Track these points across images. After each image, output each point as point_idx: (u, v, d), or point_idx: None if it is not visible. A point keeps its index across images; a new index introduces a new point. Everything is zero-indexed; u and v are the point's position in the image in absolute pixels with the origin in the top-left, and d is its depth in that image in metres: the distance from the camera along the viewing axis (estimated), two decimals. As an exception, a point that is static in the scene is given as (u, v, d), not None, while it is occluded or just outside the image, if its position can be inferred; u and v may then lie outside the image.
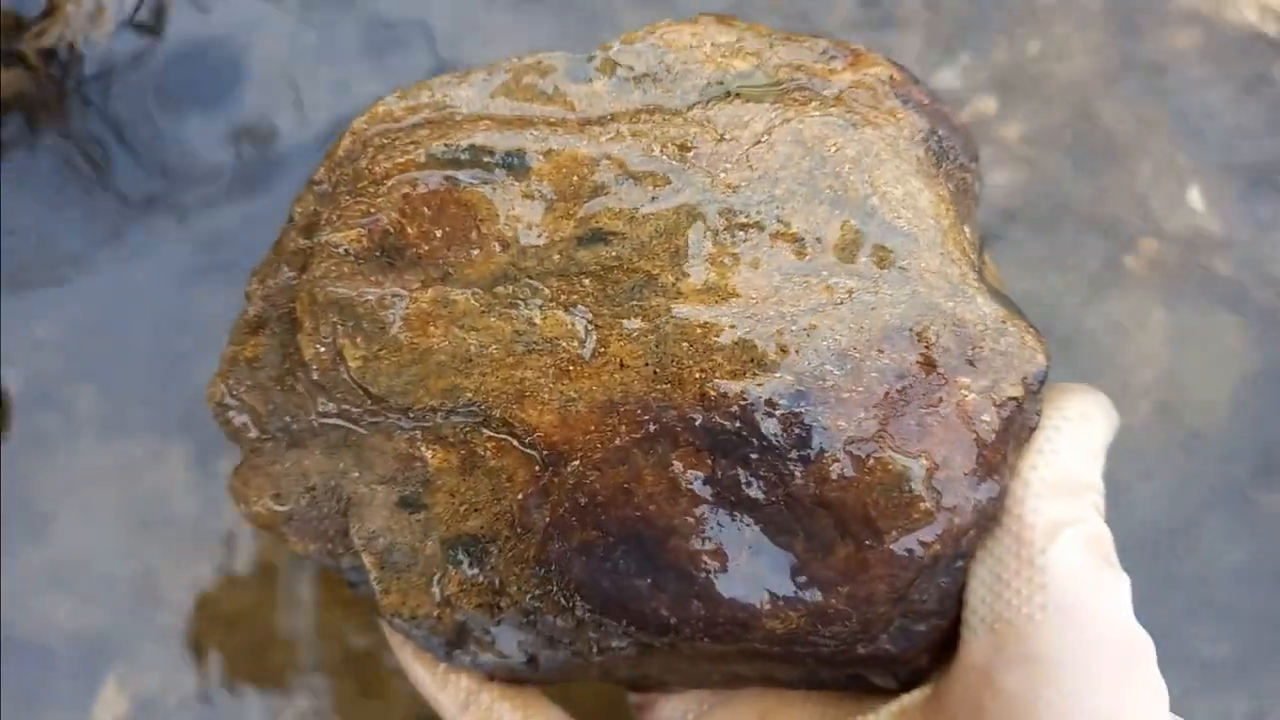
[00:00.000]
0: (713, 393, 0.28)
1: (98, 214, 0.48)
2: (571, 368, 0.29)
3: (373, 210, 0.29)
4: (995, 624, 0.28)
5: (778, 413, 0.27)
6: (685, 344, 0.28)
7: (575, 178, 0.29)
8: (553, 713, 0.32)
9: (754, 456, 0.28)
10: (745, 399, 0.28)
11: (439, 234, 0.29)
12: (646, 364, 0.28)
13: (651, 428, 0.28)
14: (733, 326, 0.28)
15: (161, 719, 0.45)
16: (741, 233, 0.29)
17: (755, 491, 0.28)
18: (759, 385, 0.28)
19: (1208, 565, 0.44)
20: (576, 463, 0.28)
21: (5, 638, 0.45)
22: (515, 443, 0.29)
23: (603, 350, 0.29)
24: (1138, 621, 0.27)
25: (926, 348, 0.28)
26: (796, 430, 0.27)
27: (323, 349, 0.29)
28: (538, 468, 0.29)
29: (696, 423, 0.28)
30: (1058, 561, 0.27)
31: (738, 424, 0.28)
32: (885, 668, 0.30)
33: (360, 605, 0.46)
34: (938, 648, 0.30)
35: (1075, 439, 0.29)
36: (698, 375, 0.28)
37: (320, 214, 0.31)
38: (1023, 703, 0.26)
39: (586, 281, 0.29)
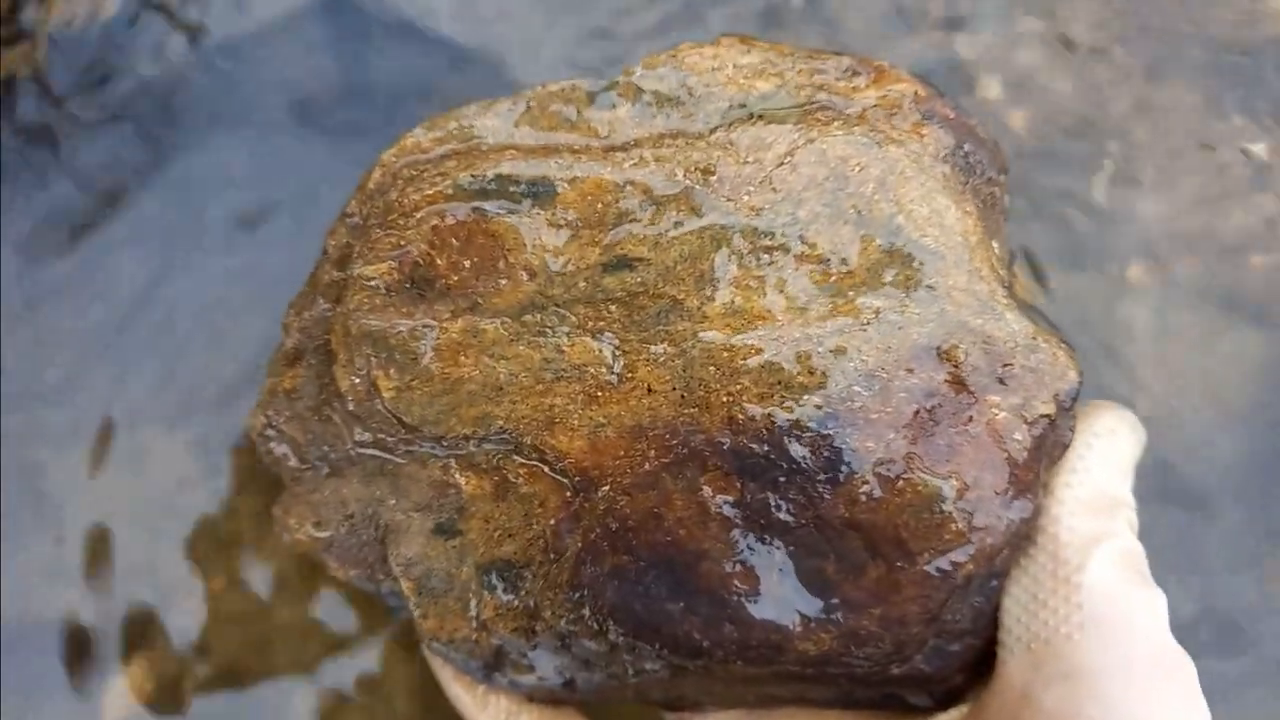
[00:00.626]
0: (740, 416, 0.28)
1: (99, 194, 0.48)
2: (600, 394, 0.29)
3: (403, 243, 0.30)
4: (1032, 643, 0.28)
5: (806, 435, 0.28)
6: (712, 368, 0.28)
7: (600, 205, 0.30)
8: (591, 732, 0.33)
9: (783, 480, 0.28)
10: (773, 422, 0.28)
11: (467, 264, 0.30)
12: (674, 389, 0.29)
13: (680, 452, 0.28)
14: (759, 350, 0.28)
15: (169, 714, 0.46)
16: (766, 255, 0.29)
17: (785, 514, 0.28)
18: (786, 408, 0.28)
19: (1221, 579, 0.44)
20: (607, 488, 0.29)
21: (9, 632, 0.46)
22: (546, 469, 0.30)
23: (630, 376, 0.29)
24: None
25: (955, 366, 0.28)
26: (825, 453, 0.27)
27: (358, 380, 0.30)
28: (569, 493, 0.29)
29: (725, 446, 0.28)
30: (1094, 579, 0.27)
31: (766, 447, 0.28)
32: (920, 687, 0.30)
33: (363, 600, 0.47)
34: (973, 667, 0.30)
35: (1105, 456, 0.29)
36: (725, 399, 0.28)
37: (352, 246, 0.31)
38: (1063, 719, 0.26)
39: (613, 308, 0.29)
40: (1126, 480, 0.30)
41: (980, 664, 0.29)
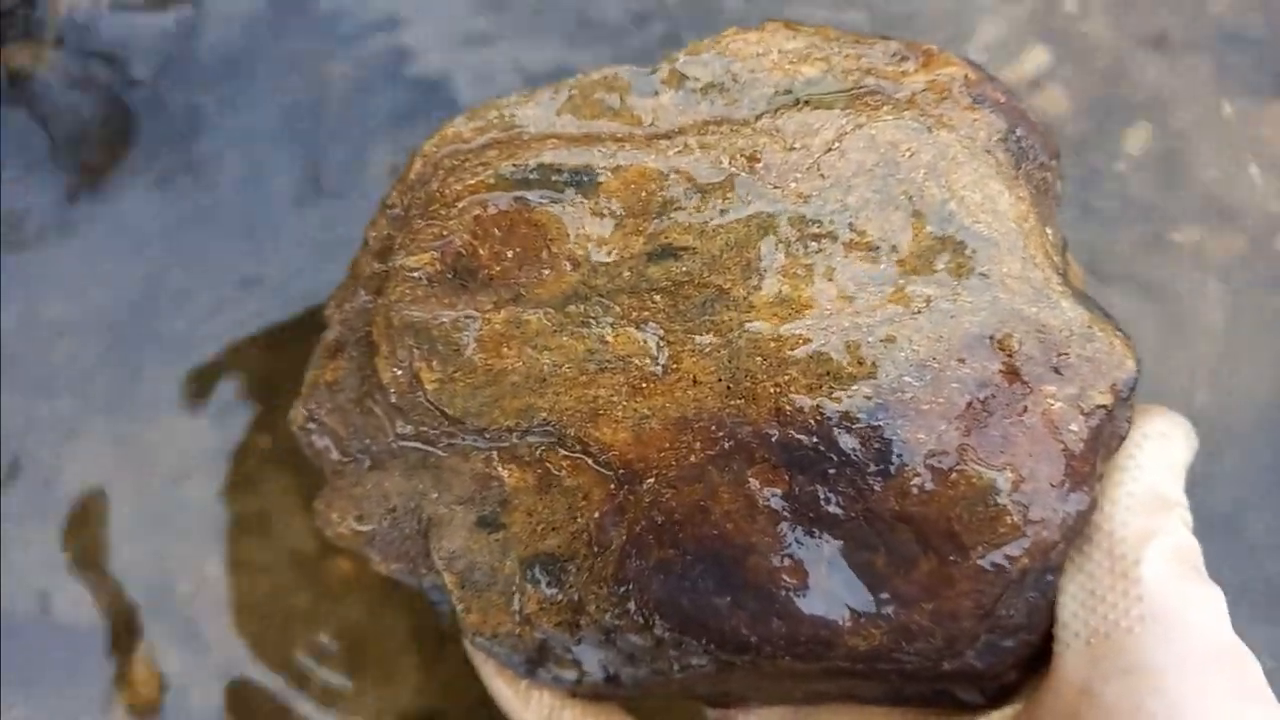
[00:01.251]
0: (788, 408, 0.27)
1: (94, 187, 0.48)
2: (644, 385, 0.29)
3: (445, 233, 0.29)
4: (1091, 638, 0.27)
5: (855, 427, 0.27)
6: (759, 358, 0.28)
7: (644, 193, 0.29)
8: (635, 728, 0.32)
9: (832, 472, 0.27)
10: (821, 413, 0.27)
11: (510, 255, 0.29)
12: (720, 379, 0.28)
13: (726, 444, 0.28)
14: (807, 340, 0.28)
15: (179, 704, 0.46)
16: (814, 243, 0.29)
17: (834, 507, 0.27)
18: (835, 399, 0.27)
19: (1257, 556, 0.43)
20: (652, 480, 0.28)
21: (9, 623, 0.46)
22: (590, 461, 0.29)
23: (675, 366, 0.29)
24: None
25: (1009, 356, 0.27)
26: (875, 444, 0.27)
27: (400, 372, 0.30)
28: (613, 486, 0.29)
29: (772, 439, 0.27)
30: (1153, 573, 0.27)
31: (814, 439, 0.27)
32: (972, 683, 0.29)
33: (378, 587, 0.47)
34: (1026, 663, 0.29)
35: (1158, 456, 0.29)
36: (772, 390, 0.28)
37: (394, 238, 0.31)
38: (1124, 714, 0.26)
39: (657, 298, 0.29)
40: (1179, 482, 0.29)
41: (1034, 660, 0.29)
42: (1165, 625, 0.26)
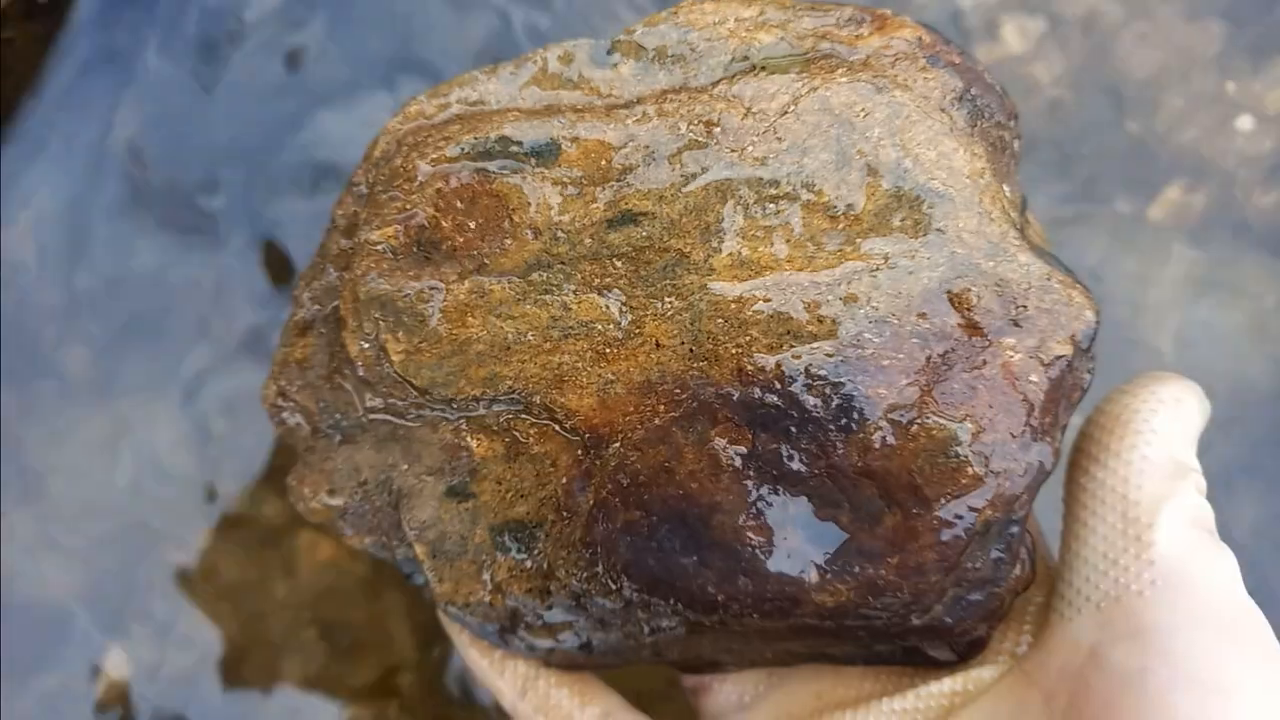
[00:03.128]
0: (750, 367, 0.28)
1: (86, 183, 0.49)
2: (608, 350, 0.29)
3: (408, 207, 0.30)
4: (1101, 602, 0.27)
5: (817, 384, 0.27)
6: (720, 320, 0.28)
7: (603, 162, 0.30)
8: (610, 698, 0.33)
9: (794, 429, 0.27)
10: (783, 372, 0.27)
11: (473, 226, 0.30)
12: (682, 342, 0.28)
13: (690, 405, 0.28)
14: (767, 300, 0.28)
15: (160, 682, 0.46)
16: (772, 205, 0.29)
17: (797, 464, 0.27)
18: (796, 357, 0.27)
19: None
20: (617, 444, 0.29)
21: (3, 602, 0.47)
22: (557, 428, 0.29)
23: (638, 331, 0.29)
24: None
25: (968, 310, 0.27)
26: (836, 400, 0.27)
27: (367, 345, 0.30)
28: (580, 451, 0.29)
29: (734, 398, 0.28)
30: (1166, 537, 0.27)
31: (776, 398, 0.27)
32: (941, 639, 0.29)
33: (359, 573, 0.47)
34: (996, 616, 0.29)
35: (1172, 421, 0.29)
36: (734, 351, 0.28)
37: (360, 214, 0.31)
38: (1131, 676, 0.26)
39: (619, 264, 0.29)
40: (1192, 448, 0.29)
41: (1001, 614, 0.29)
42: (1176, 589, 0.26)
